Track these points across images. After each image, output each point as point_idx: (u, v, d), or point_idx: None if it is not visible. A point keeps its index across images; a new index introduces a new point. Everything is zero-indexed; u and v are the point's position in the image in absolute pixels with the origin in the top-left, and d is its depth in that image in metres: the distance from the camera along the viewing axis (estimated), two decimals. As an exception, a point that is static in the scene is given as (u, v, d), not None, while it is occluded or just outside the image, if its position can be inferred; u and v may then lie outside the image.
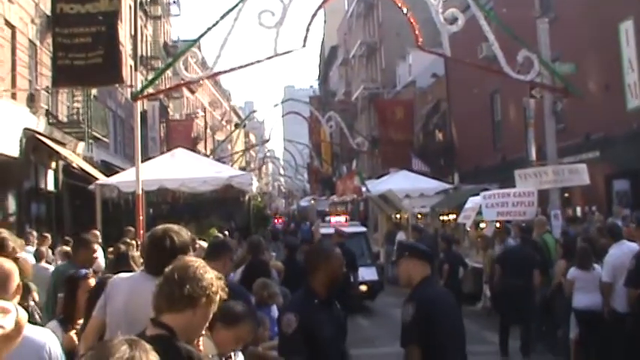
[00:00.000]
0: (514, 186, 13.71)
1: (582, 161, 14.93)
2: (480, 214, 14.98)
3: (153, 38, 40.64)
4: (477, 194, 15.90)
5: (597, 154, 17.67)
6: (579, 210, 18.52)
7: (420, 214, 22.70)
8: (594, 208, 17.61)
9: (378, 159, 41.04)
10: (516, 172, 13.63)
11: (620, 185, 17.77)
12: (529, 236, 12.24)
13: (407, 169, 28.39)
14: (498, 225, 14.79)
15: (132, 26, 33.17)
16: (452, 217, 19.96)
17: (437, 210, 21.48)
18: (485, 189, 16.41)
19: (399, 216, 24.15)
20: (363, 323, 14.54)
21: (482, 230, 16.30)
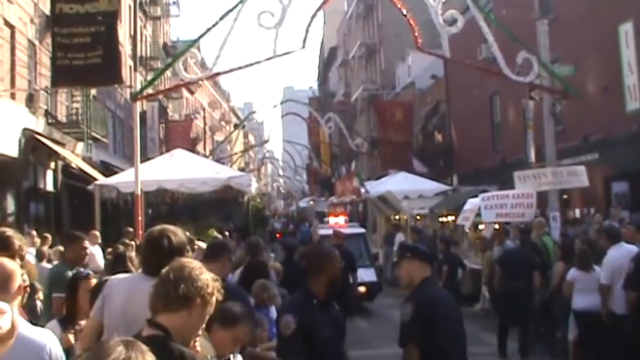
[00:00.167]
0: (513, 187, 13.70)
1: (581, 163, 14.94)
2: (479, 215, 14.97)
3: (152, 39, 40.63)
4: (475, 196, 15.89)
5: (596, 156, 17.67)
6: (578, 212, 18.53)
7: (418, 215, 22.69)
8: (593, 210, 17.62)
9: (377, 160, 41.05)
10: (515, 174, 13.62)
11: (619, 187, 17.78)
12: (528, 238, 12.24)
13: (407, 170, 28.38)
14: (497, 226, 14.79)
15: (131, 26, 33.19)
16: (451, 218, 19.94)
17: (436, 211, 21.47)
18: (484, 190, 16.40)
19: (397, 217, 24.14)
20: (362, 324, 14.54)
21: (481, 232, 16.30)
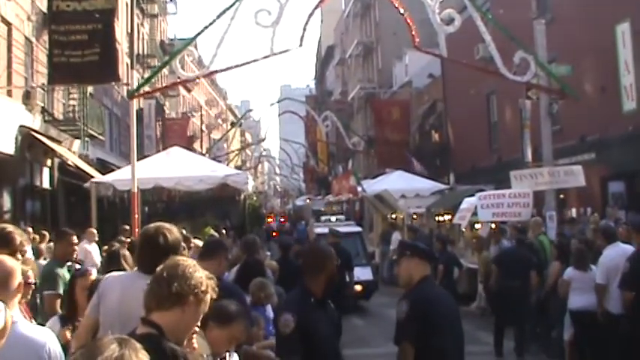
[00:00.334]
0: (510, 187, 13.71)
1: (578, 163, 14.95)
2: (476, 214, 14.99)
3: (149, 36, 40.60)
4: (472, 195, 15.91)
5: (593, 155, 17.69)
6: (574, 211, 18.55)
7: (415, 214, 22.71)
8: (589, 210, 17.64)
9: (373, 159, 41.03)
10: (512, 173, 13.63)
11: (616, 187, 17.80)
12: (524, 237, 12.25)
13: (404, 169, 28.38)
14: (493, 226, 14.81)
15: (128, 24, 33.22)
16: (447, 217, 19.96)
17: (432, 210, 21.49)
18: (480, 190, 16.42)
19: (394, 216, 24.15)
20: (358, 323, 14.54)
21: (478, 231, 16.32)
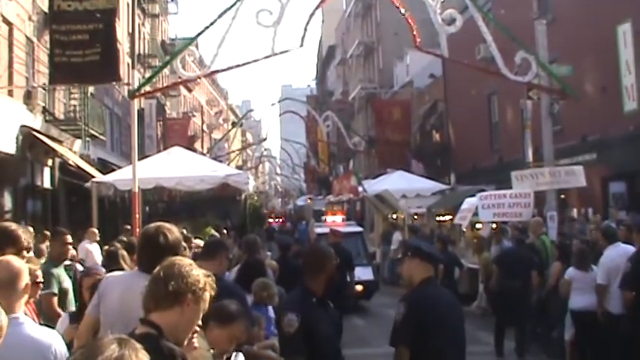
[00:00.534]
0: (510, 187, 13.70)
1: (579, 163, 14.95)
2: (477, 215, 14.98)
3: (150, 36, 40.61)
4: (473, 195, 15.91)
5: (594, 156, 17.68)
6: (575, 212, 18.55)
7: (416, 214, 22.72)
8: (590, 210, 17.64)
9: (374, 159, 41.03)
10: (513, 174, 13.62)
11: (617, 187, 17.79)
12: (524, 237, 12.25)
13: (404, 169, 28.39)
14: (494, 226, 14.80)
15: (129, 24, 33.15)
16: (448, 217, 19.97)
17: (433, 210, 21.50)
18: (481, 190, 16.41)
19: (395, 216, 24.15)
20: (359, 323, 14.53)
21: (479, 231, 16.31)
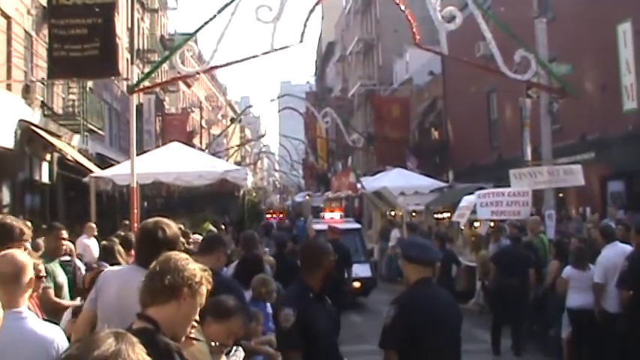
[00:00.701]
0: (509, 185, 13.71)
1: (577, 162, 14.94)
2: (475, 212, 14.98)
3: (150, 31, 40.56)
4: (471, 193, 15.90)
5: (592, 155, 17.69)
6: (573, 211, 18.55)
7: (414, 211, 22.72)
8: (589, 210, 17.65)
9: (373, 156, 41.04)
10: (511, 172, 13.62)
11: (615, 187, 17.80)
12: (521, 235, 12.26)
13: (401, 166, 28.41)
14: (492, 224, 14.80)
15: (129, 19, 33.13)
16: (446, 215, 19.97)
17: (431, 208, 21.50)
18: (480, 188, 16.41)
19: (393, 213, 24.15)
20: (357, 320, 14.54)
21: (477, 229, 16.32)
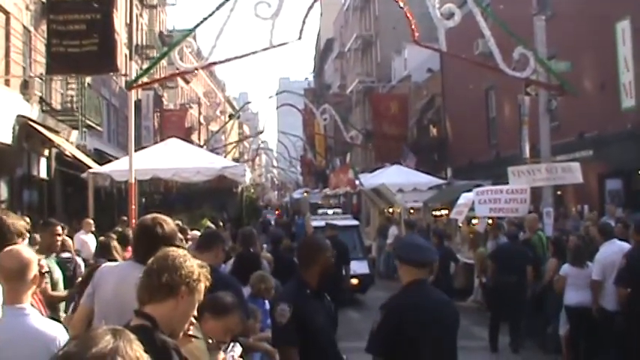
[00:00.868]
0: (507, 183, 13.72)
1: (576, 160, 14.95)
2: (473, 210, 14.99)
3: (148, 27, 40.50)
4: (469, 190, 15.91)
5: (591, 152, 17.70)
6: (573, 209, 18.56)
7: (412, 208, 22.72)
8: (587, 207, 17.67)
9: (371, 153, 41.05)
10: (509, 169, 13.63)
11: (613, 184, 17.82)
12: (518, 232, 12.27)
13: (400, 163, 28.42)
14: (491, 221, 14.81)
15: (127, 14, 33.15)
16: (444, 212, 19.97)
17: (429, 205, 21.51)
18: (478, 185, 16.41)
19: (391, 210, 24.15)
20: (354, 316, 14.55)
21: (475, 226, 16.33)
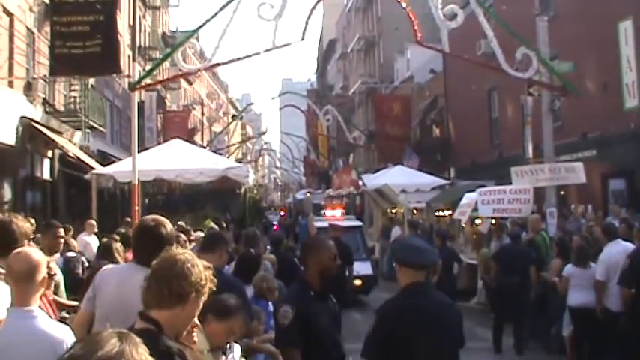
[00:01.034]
0: (510, 183, 13.71)
1: (579, 160, 14.94)
2: (476, 210, 14.98)
3: (151, 28, 40.54)
4: (472, 190, 15.90)
5: (594, 153, 17.68)
6: (578, 210, 18.54)
7: (415, 209, 22.71)
8: (590, 207, 17.64)
9: (374, 153, 41.03)
10: (512, 170, 13.62)
11: (616, 185, 17.80)
12: (521, 232, 12.26)
13: (403, 164, 28.42)
14: (494, 222, 14.81)
15: (130, 16, 33.09)
16: (447, 212, 19.96)
17: (432, 206, 21.49)
18: (481, 185, 16.41)
19: (394, 211, 24.15)
20: (357, 317, 14.54)
21: (478, 227, 16.32)
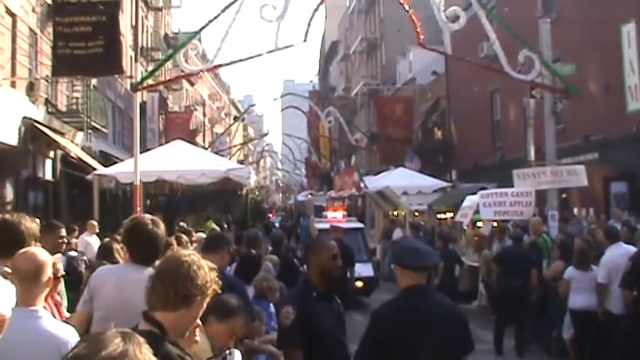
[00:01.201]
0: (512, 185, 13.70)
1: (581, 162, 14.94)
2: (478, 212, 14.97)
3: (153, 29, 40.57)
4: (474, 193, 15.89)
5: (596, 155, 17.66)
6: (576, 211, 18.54)
7: (417, 211, 22.70)
8: (592, 210, 17.63)
9: (376, 155, 41.03)
10: (514, 172, 13.62)
11: (618, 188, 17.77)
12: (522, 235, 12.27)
13: (404, 166, 28.41)
14: (496, 224, 14.80)
15: (133, 17, 33.09)
16: (449, 215, 19.95)
17: (434, 208, 21.48)
18: (483, 188, 16.40)
19: (396, 213, 24.13)
20: (359, 319, 14.49)
21: (480, 229, 16.31)
